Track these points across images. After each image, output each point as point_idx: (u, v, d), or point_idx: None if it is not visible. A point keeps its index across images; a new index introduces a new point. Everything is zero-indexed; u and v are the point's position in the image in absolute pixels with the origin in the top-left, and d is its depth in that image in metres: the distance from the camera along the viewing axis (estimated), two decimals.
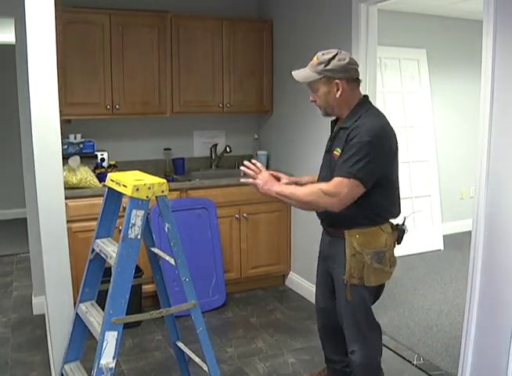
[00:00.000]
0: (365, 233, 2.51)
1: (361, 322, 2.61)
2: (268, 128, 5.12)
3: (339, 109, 2.55)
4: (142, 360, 3.50)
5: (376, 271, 2.52)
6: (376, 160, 2.38)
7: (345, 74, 2.47)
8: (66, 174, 3.88)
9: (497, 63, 2.63)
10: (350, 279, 2.52)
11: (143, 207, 2.39)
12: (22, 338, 3.85)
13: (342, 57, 2.46)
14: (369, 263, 2.49)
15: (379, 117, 2.52)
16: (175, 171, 4.75)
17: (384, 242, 2.54)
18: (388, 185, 2.53)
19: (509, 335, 2.61)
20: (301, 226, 4.61)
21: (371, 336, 2.67)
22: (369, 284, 2.53)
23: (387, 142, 2.44)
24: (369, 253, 2.49)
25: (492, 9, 2.61)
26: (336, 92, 2.48)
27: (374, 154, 2.37)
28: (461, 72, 6.25)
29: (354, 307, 2.58)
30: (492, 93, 2.66)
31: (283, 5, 4.71)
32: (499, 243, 2.68)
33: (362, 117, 2.46)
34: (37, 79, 2.75)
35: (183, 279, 2.55)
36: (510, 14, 2.54)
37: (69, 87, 4.08)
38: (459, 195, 6.54)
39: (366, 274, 2.50)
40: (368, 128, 2.40)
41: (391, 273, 2.62)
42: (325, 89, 2.50)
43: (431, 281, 4.97)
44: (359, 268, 2.50)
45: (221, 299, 4.36)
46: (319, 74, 2.47)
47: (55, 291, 2.93)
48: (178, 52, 4.48)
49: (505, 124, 2.62)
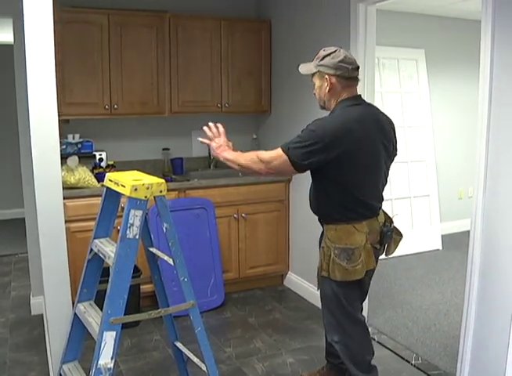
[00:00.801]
0: (338, 229, 2.61)
1: (337, 314, 2.71)
2: (267, 128, 5.12)
3: (329, 103, 2.69)
4: (140, 360, 3.49)
5: (339, 267, 2.58)
6: (313, 150, 2.46)
7: (336, 71, 2.59)
8: (65, 174, 3.88)
9: (495, 62, 2.63)
10: (320, 270, 2.68)
11: (141, 207, 2.38)
12: (20, 338, 3.85)
13: (337, 55, 2.59)
14: (332, 258, 2.59)
15: (344, 117, 2.57)
16: (174, 171, 4.75)
17: (357, 240, 2.58)
18: (347, 184, 2.57)
19: (507, 335, 2.61)
20: (300, 226, 4.61)
21: (353, 331, 2.74)
22: (335, 278, 2.61)
23: (326, 139, 2.46)
24: (336, 248, 2.58)
25: (490, 8, 2.62)
26: (326, 87, 2.63)
27: (308, 140, 2.47)
28: (459, 72, 6.26)
29: (326, 298, 2.73)
30: (491, 93, 2.66)
31: (282, 5, 4.71)
32: (497, 243, 2.68)
33: (333, 112, 2.63)
34: (35, 79, 2.75)
35: (181, 279, 2.55)
36: (508, 14, 2.55)
37: (67, 87, 4.07)
38: (458, 195, 6.55)
39: (332, 268, 2.60)
40: (319, 121, 2.55)
41: (359, 272, 2.60)
42: (318, 83, 2.68)
43: (429, 281, 4.97)
44: (326, 261, 2.63)
45: (220, 299, 4.36)
46: (315, 67, 2.65)
47: (54, 291, 2.93)
48: (177, 52, 4.48)
49: (503, 125, 2.62)
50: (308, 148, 2.47)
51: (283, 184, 4.64)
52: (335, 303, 2.69)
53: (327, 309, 2.76)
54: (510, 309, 2.60)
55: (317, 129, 2.48)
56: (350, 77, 2.61)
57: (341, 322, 2.71)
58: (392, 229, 2.75)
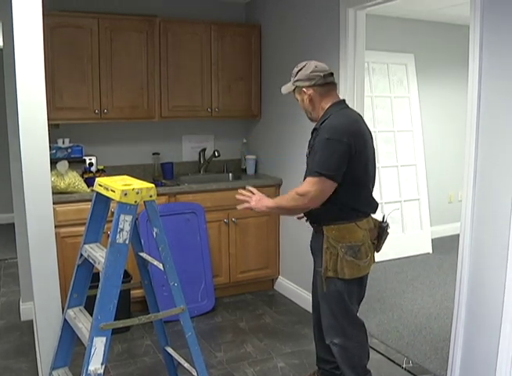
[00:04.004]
0: (341, 228, 2.63)
1: (338, 315, 2.72)
2: (257, 133, 5.12)
3: (315, 112, 2.77)
4: (130, 366, 3.48)
5: (350, 264, 2.62)
6: (337, 155, 2.53)
7: (310, 82, 2.70)
8: (55, 179, 3.86)
9: (484, 67, 2.65)
10: (325, 271, 2.65)
11: (131, 212, 2.38)
12: (9, 344, 3.82)
13: (308, 66, 2.72)
14: (341, 256, 2.60)
15: (344, 117, 2.68)
16: (164, 176, 4.74)
17: (360, 237, 2.64)
18: (353, 183, 2.63)
19: (497, 338, 2.62)
20: (290, 230, 4.61)
21: (353, 332, 2.75)
22: (343, 277, 2.63)
23: (345, 138, 2.54)
24: (343, 247, 2.61)
25: (478, 14, 2.64)
26: (306, 99, 2.75)
27: (334, 149, 2.53)
28: (449, 77, 6.30)
29: (330, 299, 2.72)
30: (479, 98, 2.68)
31: (271, 10, 4.72)
32: (487, 246, 2.70)
33: (329, 118, 2.65)
34: (25, 83, 2.74)
35: (172, 284, 2.54)
36: (497, 19, 2.57)
37: (57, 91, 4.06)
38: (448, 199, 6.58)
39: (340, 267, 2.62)
40: (328, 127, 2.60)
41: (368, 267, 2.72)
42: (299, 97, 2.80)
43: (420, 285, 4.98)
44: (334, 261, 2.63)
45: (210, 304, 4.35)
46: (292, 85, 2.78)
47: (44, 296, 2.91)
48: (167, 56, 4.48)
49: (492, 129, 2.64)
50: (335, 155, 2.53)
51: (273, 189, 4.64)
52: (339, 304, 2.70)
53: (330, 310, 2.74)
54: (499, 312, 2.61)
55: (331, 135, 2.55)
56: (325, 83, 2.72)
57: (343, 324, 2.72)
58: (388, 224, 2.80)
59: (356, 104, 3.69)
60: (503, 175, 2.58)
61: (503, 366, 2.60)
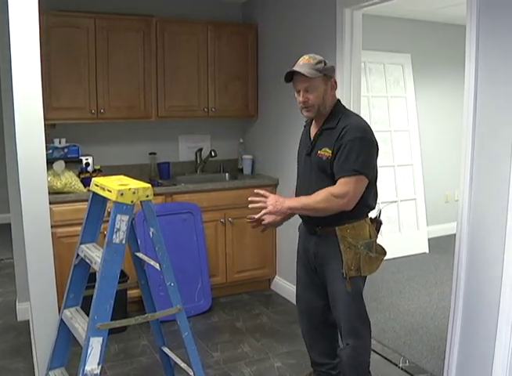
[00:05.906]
0: (355, 227, 2.61)
1: (355, 315, 2.67)
2: (254, 133, 5.12)
3: (329, 107, 2.66)
4: (127, 366, 3.48)
5: (372, 260, 2.63)
6: (370, 153, 2.57)
7: (334, 75, 2.68)
8: (51, 179, 3.86)
9: (480, 67, 2.66)
10: (348, 271, 2.59)
11: (128, 212, 2.38)
12: (6, 344, 3.82)
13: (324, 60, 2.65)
14: (364, 254, 2.59)
15: (358, 117, 2.73)
16: (160, 176, 4.74)
17: (368, 233, 2.65)
18: (372, 181, 2.66)
19: (493, 337, 2.63)
20: (287, 230, 4.60)
21: (364, 332, 2.72)
22: (365, 274, 2.64)
23: (373, 137, 2.60)
24: (362, 244, 2.60)
25: (474, 14, 2.64)
26: (331, 91, 2.65)
27: (367, 148, 2.55)
28: (445, 77, 6.31)
29: (352, 298, 2.65)
30: (476, 97, 2.69)
31: (268, 10, 4.72)
32: (483, 245, 2.70)
33: (344, 118, 2.62)
34: (21, 83, 2.74)
35: (168, 284, 2.54)
36: (493, 19, 2.57)
37: (53, 91, 4.06)
38: (444, 198, 6.59)
39: (362, 264, 2.61)
40: (357, 126, 2.56)
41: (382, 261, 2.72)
42: (323, 87, 2.61)
43: (417, 284, 4.99)
44: (356, 259, 2.59)
45: (207, 304, 4.35)
46: (319, 71, 2.57)
47: (40, 296, 2.91)
48: (164, 56, 4.48)
49: (488, 129, 2.65)
50: (370, 153, 2.57)
51: (270, 188, 4.63)
52: (359, 303, 2.68)
53: (357, 310, 2.67)
54: (496, 312, 2.61)
55: (364, 134, 2.55)
56: None
57: (356, 324, 2.68)
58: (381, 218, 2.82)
59: (353, 104, 3.69)
60: (499, 175, 2.58)
61: (499, 366, 2.60)
